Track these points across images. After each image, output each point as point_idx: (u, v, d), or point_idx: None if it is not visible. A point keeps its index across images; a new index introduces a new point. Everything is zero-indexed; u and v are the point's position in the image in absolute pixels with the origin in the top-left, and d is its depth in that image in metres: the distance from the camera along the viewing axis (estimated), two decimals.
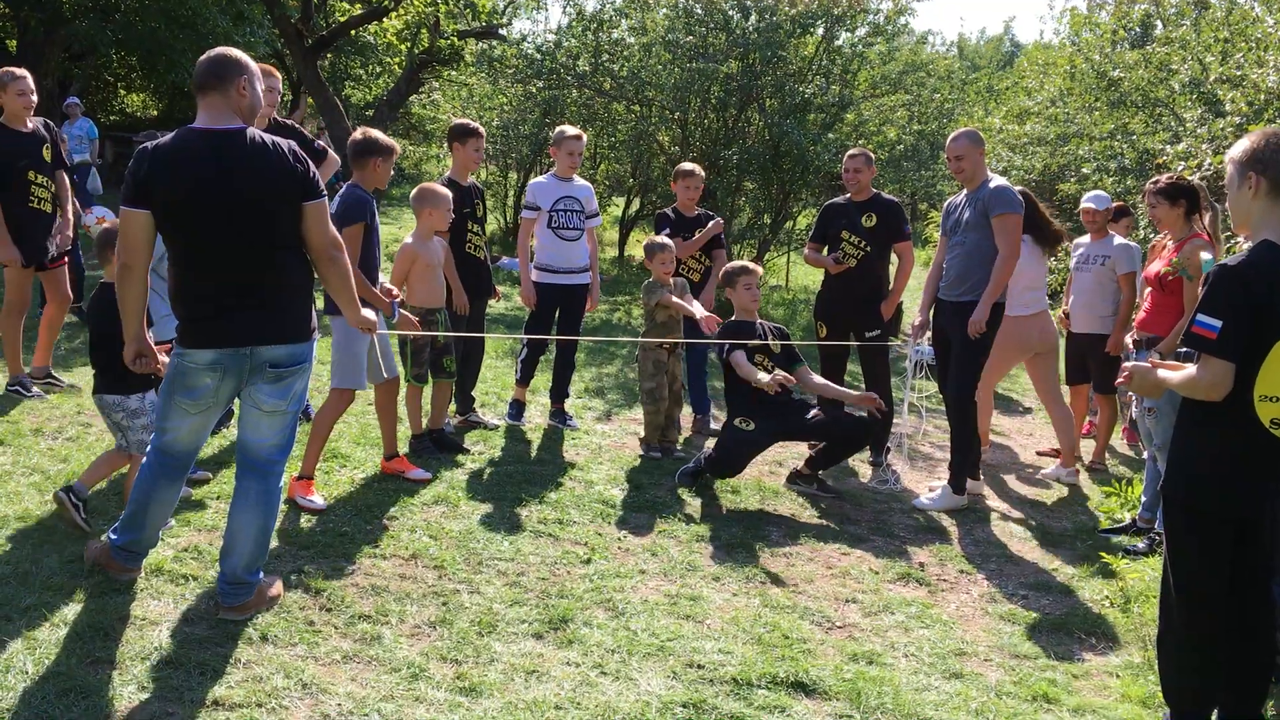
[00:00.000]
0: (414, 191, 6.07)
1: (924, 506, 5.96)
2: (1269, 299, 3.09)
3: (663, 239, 6.68)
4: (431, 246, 5.93)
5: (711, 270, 7.19)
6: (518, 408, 7.08)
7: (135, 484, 3.98)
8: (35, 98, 6.48)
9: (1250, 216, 3.26)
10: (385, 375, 5.38)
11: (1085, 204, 7.28)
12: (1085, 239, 7.24)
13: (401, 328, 5.34)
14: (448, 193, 6.00)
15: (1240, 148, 3.28)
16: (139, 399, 4.55)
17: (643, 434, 6.66)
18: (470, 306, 6.47)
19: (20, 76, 6.36)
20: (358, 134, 5.37)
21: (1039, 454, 7.55)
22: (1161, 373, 3.39)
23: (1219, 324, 3.11)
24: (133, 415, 4.56)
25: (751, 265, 6.28)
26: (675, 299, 6.43)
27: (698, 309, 6.34)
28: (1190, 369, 3.25)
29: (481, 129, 6.67)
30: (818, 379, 6.27)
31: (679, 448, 6.68)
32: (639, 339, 6.85)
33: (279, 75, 6.17)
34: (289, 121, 6.32)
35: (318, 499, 5.11)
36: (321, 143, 6.53)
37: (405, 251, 5.86)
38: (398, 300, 5.15)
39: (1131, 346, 5.74)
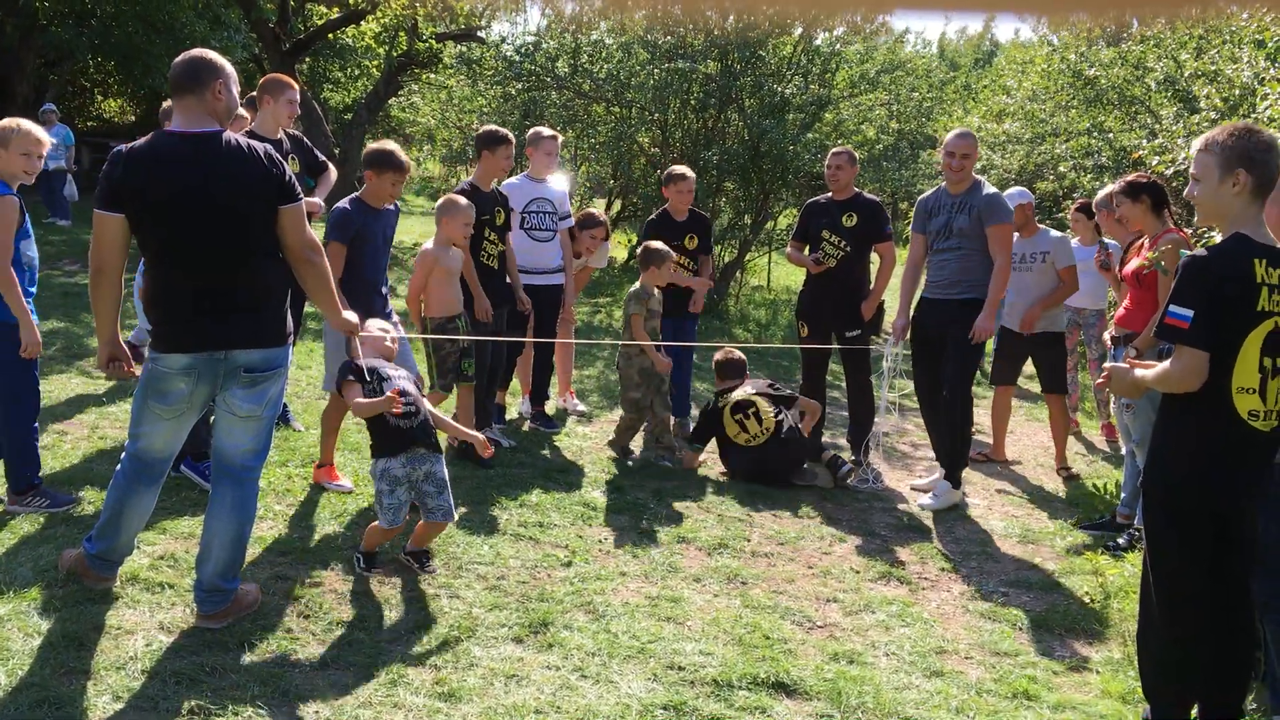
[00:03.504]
0: (439, 201, 6.00)
1: (930, 507, 5.98)
2: (1241, 290, 3.10)
3: (664, 248, 6.53)
4: (451, 254, 5.87)
5: (699, 274, 7.13)
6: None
7: (109, 490, 3.95)
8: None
9: (1230, 212, 3.25)
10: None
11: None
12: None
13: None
14: (468, 206, 5.81)
15: (1224, 143, 3.22)
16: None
17: (613, 437, 6.60)
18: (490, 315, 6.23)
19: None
20: (373, 144, 5.32)
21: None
22: (1139, 372, 3.39)
23: (1190, 314, 3.11)
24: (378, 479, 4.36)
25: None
26: (640, 331, 6.41)
27: (660, 360, 6.44)
28: (1165, 364, 3.26)
29: (511, 137, 6.39)
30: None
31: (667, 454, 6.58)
32: (620, 341, 6.81)
33: (297, 87, 6.04)
34: (298, 134, 6.30)
35: (345, 481, 5.43)
36: (323, 157, 6.44)
37: (425, 258, 5.80)
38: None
39: (1110, 344, 5.76)
